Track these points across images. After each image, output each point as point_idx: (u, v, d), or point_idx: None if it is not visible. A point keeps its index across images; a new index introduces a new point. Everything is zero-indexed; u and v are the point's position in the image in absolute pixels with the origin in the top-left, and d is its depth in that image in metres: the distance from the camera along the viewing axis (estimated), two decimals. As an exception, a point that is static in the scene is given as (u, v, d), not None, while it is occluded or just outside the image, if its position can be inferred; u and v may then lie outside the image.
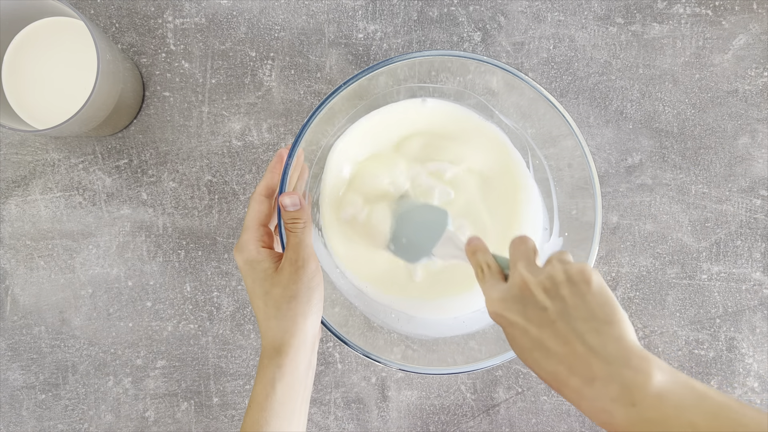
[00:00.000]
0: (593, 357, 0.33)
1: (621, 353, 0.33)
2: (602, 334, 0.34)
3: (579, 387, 0.33)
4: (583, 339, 0.34)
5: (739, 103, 0.63)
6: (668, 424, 0.30)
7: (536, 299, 0.37)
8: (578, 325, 0.35)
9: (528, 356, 0.36)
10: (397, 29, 0.63)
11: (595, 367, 0.33)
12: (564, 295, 0.36)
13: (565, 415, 0.63)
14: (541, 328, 0.36)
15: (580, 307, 0.35)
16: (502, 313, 0.38)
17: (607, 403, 0.32)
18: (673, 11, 0.63)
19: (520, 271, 0.39)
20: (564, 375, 0.34)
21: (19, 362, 0.63)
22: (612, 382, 0.32)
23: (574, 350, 0.34)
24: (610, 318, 0.35)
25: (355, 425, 0.63)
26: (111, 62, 0.52)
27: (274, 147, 0.63)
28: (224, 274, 0.63)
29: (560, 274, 0.37)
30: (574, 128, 0.50)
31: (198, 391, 0.63)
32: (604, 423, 0.33)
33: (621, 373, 0.32)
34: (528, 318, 0.36)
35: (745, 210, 0.64)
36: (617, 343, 0.33)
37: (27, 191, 0.62)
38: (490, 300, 0.39)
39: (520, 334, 0.37)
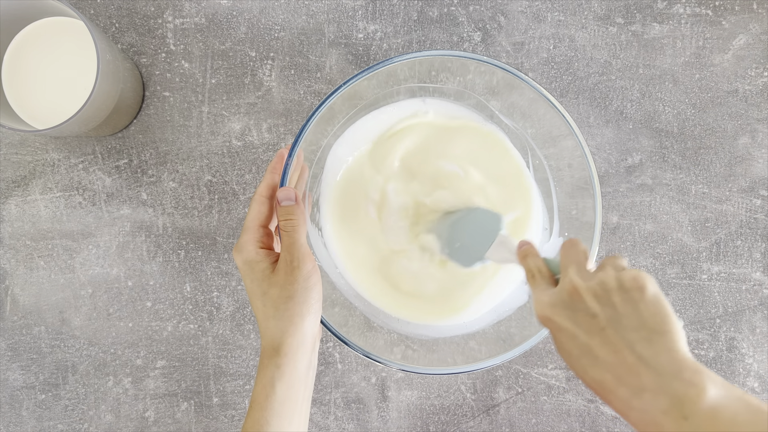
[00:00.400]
0: (643, 367, 0.33)
1: (673, 365, 0.32)
2: (653, 344, 0.33)
3: (627, 398, 0.33)
4: (633, 348, 0.33)
5: (739, 103, 0.63)
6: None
7: (586, 305, 0.36)
8: (628, 334, 0.34)
9: (575, 363, 0.36)
10: (397, 29, 0.63)
11: (645, 378, 0.32)
12: (615, 302, 0.35)
13: (565, 415, 0.63)
14: (590, 334, 0.35)
15: (632, 316, 0.35)
16: (551, 317, 0.38)
17: (657, 416, 0.31)
18: (673, 11, 0.63)
19: (571, 276, 0.38)
20: (612, 384, 0.33)
21: (19, 362, 0.63)
22: (663, 394, 0.32)
23: (624, 359, 0.33)
24: (662, 328, 0.34)
25: (355, 425, 0.63)
26: (111, 62, 0.52)
27: (274, 147, 0.63)
28: (224, 274, 0.63)
29: (612, 280, 0.36)
30: (574, 128, 0.50)
31: (198, 391, 0.63)
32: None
33: (672, 386, 0.31)
34: (577, 324, 0.36)
35: (745, 210, 0.64)
36: (669, 355, 0.33)
37: (27, 191, 0.62)
38: (539, 304, 0.39)
39: (568, 339, 0.36)
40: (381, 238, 0.58)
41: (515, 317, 0.55)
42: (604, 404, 0.63)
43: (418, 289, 0.58)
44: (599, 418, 0.63)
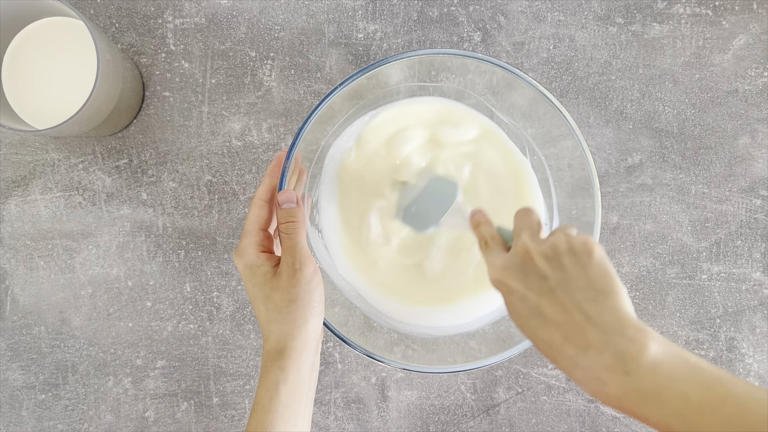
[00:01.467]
0: (589, 325, 0.34)
1: (617, 323, 0.33)
2: (599, 304, 0.34)
3: (573, 355, 0.34)
4: (580, 308, 0.34)
5: (739, 103, 0.63)
6: (661, 394, 0.31)
7: (537, 267, 0.37)
8: (576, 295, 0.35)
9: (525, 324, 0.37)
10: (397, 29, 0.63)
11: (591, 335, 0.33)
12: (565, 264, 0.36)
13: (565, 415, 0.63)
14: (540, 295, 0.36)
15: (580, 278, 0.35)
16: (502, 279, 0.39)
17: (600, 372, 0.32)
18: (673, 11, 0.63)
19: (523, 239, 0.39)
20: (559, 343, 0.34)
21: (19, 362, 0.63)
22: (606, 350, 0.32)
23: (571, 318, 0.34)
24: (608, 289, 0.35)
25: (355, 425, 0.63)
26: (111, 62, 0.52)
27: (274, 147, 0.63)
28: (224, 274, 0.63)
29: (563, 244, 0.37)
30: (574, 128, 0.50)
31: (198, 391, 0.63)
32: (597, 392, 0.33)
33: (616, 342, 0.32)
34: (528, 285, 0.37)
35: (745, 210, 0.64)
36: (613, 313, 0.34)
37: (27, 191, 0.62)
38: (492, 267, 0.40)
39: (518, 301, 0.37)
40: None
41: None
42: (604, 404, 0.63)
43: (420, 287, 0.58)
44: (599, 418, 0.63)
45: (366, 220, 0.57)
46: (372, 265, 0.58)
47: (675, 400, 0.30)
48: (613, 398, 0.32)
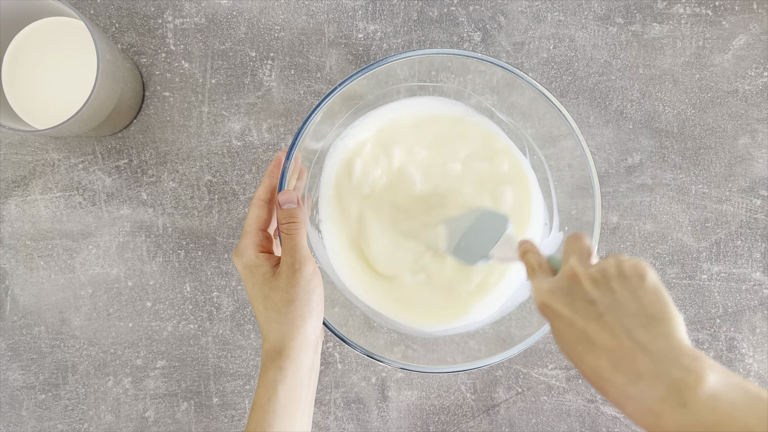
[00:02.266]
0: (640, 353, 0.31)
1: (671, 351, 0.31)
2: (651, 331, 0.32)
3: (623, 385, 0.32)
4: (630, 334, 0.32)
5: (739, 103, 0.63)
6: (721, 427, 0.28)
7: (585, 291, 0.36)
8: (627, 320, 0.33)
9: (571, 350, 0.35)
10: (397, 29, 0.63)
11: (642, 363, 0.31)
12: (614, 288, 0.35)
13: (565, 415, 0.63)
14: (587, 320, 0.34)
15: (630, 302, 0.34)
16: (549, 303, 0.37)
17: (654, 404, 0.30)
18: (673, 11, 0.63)
19: (571, 263, 0.38)
20: (608, 371, 0.32)
21: (19, 362, 0.63)
22: (660, 380, 0.30)
23: (621, 344, 0.32)
24: (661, 315, 0.33)
25: (355, 425, 0.63)
26: (111, 62, 0.52)
27: (274, 147, 0.63)
28: (224, 274, 0.63)
29: (613, 267, 0.36)
30: (574, 128, 0.50)
31: (198, 391, 0.63)
32: (650, 426, 0.31)
33: (670, 372, 0.30)
34: (575, 310, 0.35)
35: (745, 210, 0.64)
36: (667, 341, 0.32)
37: (27, 191, 0.62)
38: (538, 291, 0.39)
39: (565, 326, 0.36)
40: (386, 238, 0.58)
41: (515, 317, 0.55)
42: (604, 404, 0.63)
43: (419, 294, 0.58)
44: (599, 418, 0.63)
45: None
46: (378, 276, 0.58)
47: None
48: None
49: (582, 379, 0.63)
